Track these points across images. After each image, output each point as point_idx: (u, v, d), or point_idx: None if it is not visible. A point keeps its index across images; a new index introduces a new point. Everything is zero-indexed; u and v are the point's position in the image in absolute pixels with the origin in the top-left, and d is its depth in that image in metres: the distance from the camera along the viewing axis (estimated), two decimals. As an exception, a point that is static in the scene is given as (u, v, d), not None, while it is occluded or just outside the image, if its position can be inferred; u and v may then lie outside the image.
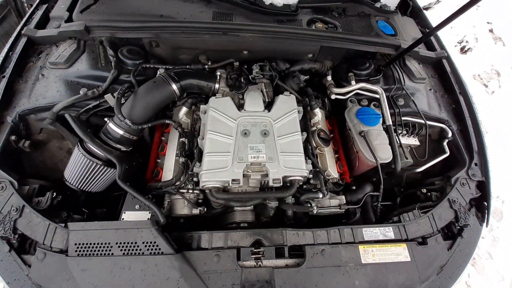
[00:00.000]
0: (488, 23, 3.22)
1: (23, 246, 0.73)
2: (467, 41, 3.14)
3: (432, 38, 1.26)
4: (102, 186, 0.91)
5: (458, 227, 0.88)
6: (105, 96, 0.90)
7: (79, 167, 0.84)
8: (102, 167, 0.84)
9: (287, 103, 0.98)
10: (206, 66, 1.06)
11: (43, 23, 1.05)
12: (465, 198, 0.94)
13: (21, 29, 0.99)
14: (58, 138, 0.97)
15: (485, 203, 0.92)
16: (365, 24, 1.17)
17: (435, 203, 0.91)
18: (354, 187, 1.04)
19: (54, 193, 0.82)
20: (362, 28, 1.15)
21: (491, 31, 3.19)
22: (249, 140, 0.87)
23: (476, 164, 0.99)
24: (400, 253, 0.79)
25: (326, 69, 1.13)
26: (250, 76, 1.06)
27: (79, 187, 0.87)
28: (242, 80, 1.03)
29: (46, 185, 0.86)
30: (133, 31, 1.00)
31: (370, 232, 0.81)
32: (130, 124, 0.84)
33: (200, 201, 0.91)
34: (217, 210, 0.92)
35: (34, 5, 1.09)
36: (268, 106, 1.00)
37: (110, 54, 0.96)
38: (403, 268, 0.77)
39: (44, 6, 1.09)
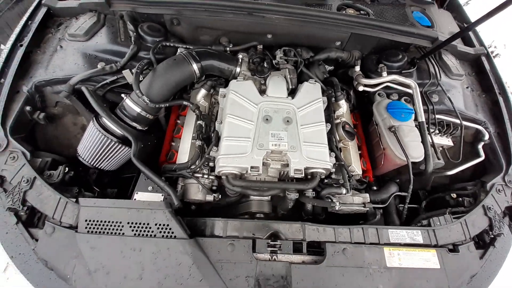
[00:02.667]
0: (518, 30, 3.05)
1: (31, 219, 0.70)
2: (495, 47, 2.99)
3: (471, 34, 1.17)
4: (116, 164, 0.88)
5: (491, 236, 0.81)
6: (123, 71, 0.86)
7: (93, 143, 0.80)
8: (117, 144, 0.81)
9: (312, 91, 0.91)
10: (228, 49, 1.01)
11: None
12: (500, 206, 0.86)
13: (41, -1, 0.96)
14: (73, 113, 0.94)
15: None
16: (400, 14, 1.09)
17: (468, 209, 0.84)
18: (375, 187, 0.98)
19: (67, 168, 0.79)
20: (396, 17, 1.07)
21: (520, 39, 3.02)
22: (270, 127, 0.81)
23: (507, 171, 0.91)
24: (429, 259, 0.73)
25: (354, 59, 1.06)
26: (273, 61, 1.00)
27: (92, 163, 0.84)
28: (265, 65, 0.97)
29: (59, 160, 0.84)
30: (155, 6, 0.96)
31: (397, 234, 0.75)
32: (147, 101, 0.80)
33: (214, 187, 0.87)
34: (231, 198, 0.87)
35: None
36: (292, 93, 0.94)
37: (130, 29, 0.92)
38: (432, 275, 0.71)
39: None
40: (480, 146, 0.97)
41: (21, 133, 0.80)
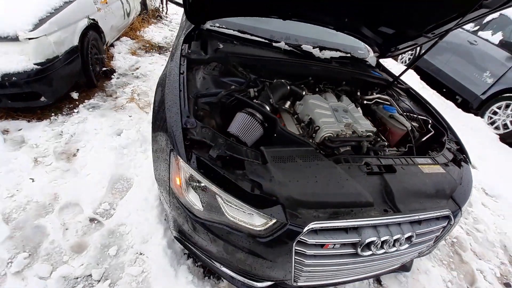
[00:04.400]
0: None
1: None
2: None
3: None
4: (252, 140, 1.28)
5: (458, 159, 1.50)
6: (249, 89, 1.42)
7: (243, 123, 1.24)
8: (258, 124, 1.27)
9: (346, 100, 1.65)
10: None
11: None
12: (452, 147, 1.61)
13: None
14: (208, 117, 1.37)
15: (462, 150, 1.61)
16: (365, 68, 2.07)
17: (441, 151, 1.54)
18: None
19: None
20: (364, 69, 2.03)
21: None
22: (338, 114, 1.45)
23: (448, 134, 1.72)
24: (439, 169, 1.35)
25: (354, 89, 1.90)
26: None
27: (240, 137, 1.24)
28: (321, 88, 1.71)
29: None
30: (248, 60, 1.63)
31: (419, 159, 1.37)
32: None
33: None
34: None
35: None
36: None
37: (240, 70, 1.53)
38: (442, 176, 1.31)
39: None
40: (429, 126, 1.80)
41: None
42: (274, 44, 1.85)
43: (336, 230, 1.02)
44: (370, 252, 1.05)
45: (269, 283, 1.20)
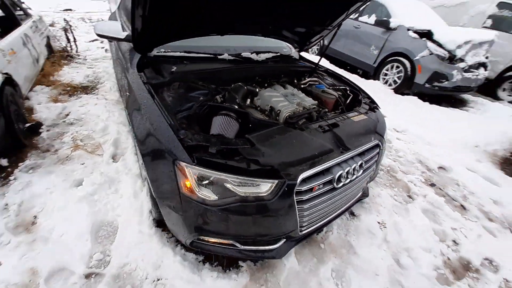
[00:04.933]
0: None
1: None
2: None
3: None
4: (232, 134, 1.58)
5: (372, 107, 2.15)
6: (215, 97, 1.71)
7: (220, 123, 1.53)
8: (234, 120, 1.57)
9: (290, 87, 2.12)
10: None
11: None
12: (367, 102, 2.27)
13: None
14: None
15: (373, 102, 2.29)
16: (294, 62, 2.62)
17: (361, 105, 2.17)
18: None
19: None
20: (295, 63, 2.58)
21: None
22: (289, 98, 1.90)
23: (361, 94, 2.39)
24: (363, 117, 1.94)
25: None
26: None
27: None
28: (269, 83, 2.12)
29: None
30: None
31: (350, 114, 1.93)
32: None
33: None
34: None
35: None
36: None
37: (200, 84, 1.82)
38: (368, 119, 1.91)
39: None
40: (348, 92, 2.45)
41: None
42: (219, 57, 2.19)
43: (316, 175, 1.43)
44: (341, 183, 1.51)
45: (281, 241, 1.51)
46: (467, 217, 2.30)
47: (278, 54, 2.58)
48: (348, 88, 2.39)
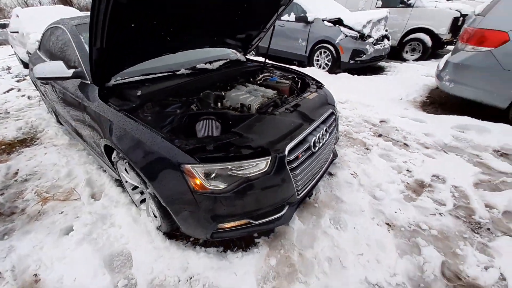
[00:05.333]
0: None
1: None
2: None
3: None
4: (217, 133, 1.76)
5: (319, 85, 2.58)
6: (190, 107, 1.87)
7: (205, 128, 1.71)
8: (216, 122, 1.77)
9: (250, 85, 2.39)
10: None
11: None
12: (313, 82, 2.70)
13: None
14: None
15: (318, 81, 2.74)
16: (244, 64, 2.91)
17: (310, 86, 2.57)
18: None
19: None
20: (246, 65, 2.87)
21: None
22: (254, 93, 2.17)
23: (307, 78, 2.83)
24: (315, 94, 2.33)
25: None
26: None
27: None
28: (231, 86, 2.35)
29: None
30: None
31: (304, 94, 2.30)
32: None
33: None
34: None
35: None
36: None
37: (171, 99, 1.94)
38: (319, 95, 2.31)
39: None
40: (296, 78, 2.85)
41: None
42: (177, 73, 2.33)
43: (297, 146, 1.72)
44: (317, 148, 1.84)
45: (285, 208, 1.75)
46: (410, 151, 2.91)
47: (228, 60, 2.84)
48: (295, 76, 2.79)
